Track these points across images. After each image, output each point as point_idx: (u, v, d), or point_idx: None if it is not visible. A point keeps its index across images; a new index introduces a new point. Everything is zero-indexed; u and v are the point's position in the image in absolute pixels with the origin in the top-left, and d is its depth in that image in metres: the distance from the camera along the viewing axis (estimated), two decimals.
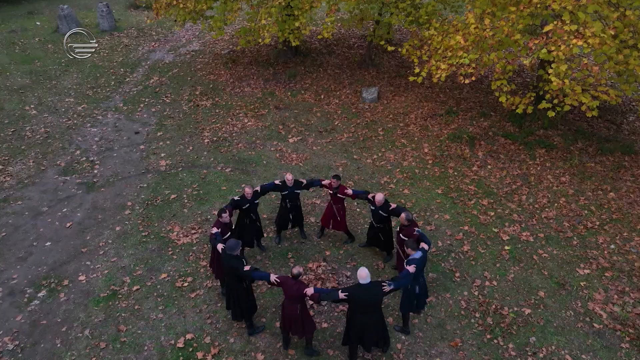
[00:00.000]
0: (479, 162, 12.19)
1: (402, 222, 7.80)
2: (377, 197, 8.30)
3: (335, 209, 9.06)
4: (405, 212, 7.83)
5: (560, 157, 12.34)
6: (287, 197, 8.91)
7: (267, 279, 6.75)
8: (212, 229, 7.59)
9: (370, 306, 6.52)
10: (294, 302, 6.69)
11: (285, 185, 8.75)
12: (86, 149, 12.98)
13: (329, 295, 6.55)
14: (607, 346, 7.44)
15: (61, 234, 9.82)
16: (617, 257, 9.18)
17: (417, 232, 7.60)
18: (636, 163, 12.20)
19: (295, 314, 6.68)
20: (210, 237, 7.55)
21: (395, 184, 11.40)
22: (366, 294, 6.41)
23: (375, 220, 8.64)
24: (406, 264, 6.96)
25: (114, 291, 8.42)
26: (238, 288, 7.15)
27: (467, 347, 7.40)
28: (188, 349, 7.37)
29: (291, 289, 6.60)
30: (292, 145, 13.07)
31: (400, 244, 7.96)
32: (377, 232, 8.76)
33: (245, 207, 8.43)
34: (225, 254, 6.99)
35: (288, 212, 9.07)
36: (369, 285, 6.42)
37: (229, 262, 6.92)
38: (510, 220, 10.17)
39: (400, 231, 7.95)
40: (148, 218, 10.26)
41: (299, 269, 6.61)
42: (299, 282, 6.63)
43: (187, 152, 12.76)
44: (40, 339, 7.58)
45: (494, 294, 8.35)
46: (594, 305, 8.14)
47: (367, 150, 12.81)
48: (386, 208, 8.33)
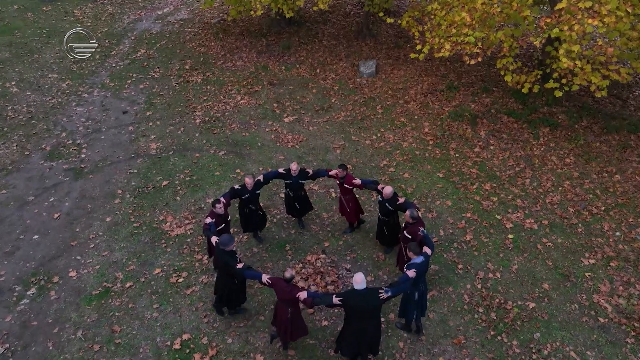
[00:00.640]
0: (481, 143, 11.78)
1: (407, 220, 7.44)
2: (385, 190, 7.93)
3: (343, 200, 8.70)
4: (411, 208, 7.47)
5: (564, 137, 11.95)
6: (289, 187, 8.61)
7: (259, 279, 6.50)
8: (207, 219, 7.38)
9: (367, 312, 6.18)
10: (285, 304, 6.46)
11: (289, 174, 8.42)
12: (72, 130, 12.41)
13: (322, 300, 6.28)
14: (612, 341, 7.32)
15: (49, 225, 9.44)
16: (623, 245, 8.98)
17: (422, 232, 7.22)
18: None
19: (285, 318, 6.45)
20: (204, 228, 7.32)
21: (395, 167, 11.02)
22: (362, 300, 6.07)
23: (381, 212, 8.30)
24: (406, 269, 6.66)
25: (106, 288, 8.14)
26: (229, 282, 7.02)
27: (471, 344, 7.25)
28: (185, 350, 7.16)
29: (283, 292, 6.34)
30: (288, 125, 12.56)
31: (404, 242, 7.63)
32: (382, 225, 8.44)
33: (245, 197, 8.08)
34: (219, 249, 6.78)
35: (292, 200, 8.80)
36: (365, 292, 6.10)
37: (222, 257, 6.73)
38: (514, 206, 9.88)
39: (404, 228, 7.60)
40: (139, 207, 9.87)
41: (291, 272, 6.34)
42: (291, 285, 6.37)
43: (178, 133, 12.24)
44: (31, 341, 7.33)
45: (497, 287, 8.16)
46: (599, 298, 7.98)
47: (366, 130, 12.35)
48: (394, 201, 7.97)
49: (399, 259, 8.00)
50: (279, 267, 8.49)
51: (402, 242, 7.72)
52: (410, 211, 7.37)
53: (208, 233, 7.23)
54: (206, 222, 7.35)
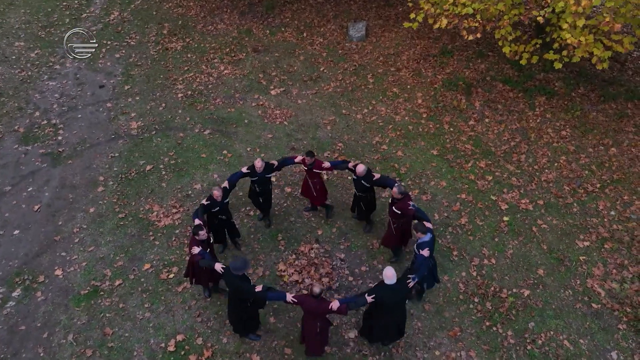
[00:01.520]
0: (475, 115, 11.40)
1: (395, 196, 7.37)
2: (358, 168, 7.78)
3: (311, 183, 8.43)
4: (397, 185, 7.41)
5: (561, 106, 11.60)
6: (256, 183, 8.14)
7: (284, 299, 6.26)
8: (193, 248, 6.72)
9: (397, 305, 6.38)
10: (314, 318, 6.31)
11: (254, 171, 7.93)
12: (46, 109, 11.70)
13: (357, 304, 6.26)
14: (604, 328, 7.40)
15: (30, 219, 9.05)
16: (617, 225, 8.92)
17: (413, 206, 7.26)
18: (639, 110, 11.57)
19: (315, 332, 6.35)
20: (196, 259, 6.68)
21: (388, 144, 10.66)
22: (394, 294, 6.22)
23: (357, 189, 8.21)
24: (417, 248, 6.76)
25: (95, 287, 7.92)
26: (241, 306, 6.64)
27: (466, 336, 7.28)
28: (180, 352, 7.09)
29: (313, 308, 6.18)
30: (275, 98, 11.97)
31: (394, 217, 7.59)
32: (358, 200, 8.35)
33: (216, 209, 7.54)
34: (230, 275, 6.30)
35: (257, 195, 8.35)
36: (396, 286, 6.19)
37: (234, 284, 6.30)
38: (509, 185, 9.70)
39: (392, 204, 7.53)
40: (124, 196, 9.48)
41: (320, 287, 6.14)
42: (320, 299, 6.16)
43: (159, 110, 11.61)
44: (20, 347, 7.18)
45: (492, 274, 8.12)
46: (593, 282, 8.00)
47: (357, 103, 11.84)
48: (369, 178, 7.86)
49: (388, 236, 7.91)
50: (271, 260, 8.32)
51: (391, 217, 7.67)
52: (398, 187, 7.34)
53: (206, 262, 6.61)
54: (194, 252, 6.71)
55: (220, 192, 7.39)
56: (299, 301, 6.22)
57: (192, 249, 6.68)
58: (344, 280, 8.01)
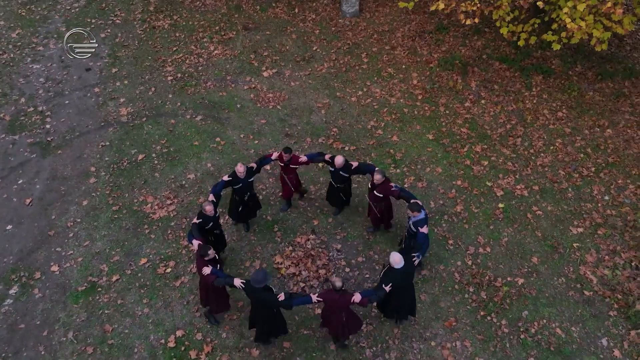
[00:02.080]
0: (472, 96, 11.24)
1: (377, 181, 7.55)
2: (337, 160, 7.82)
3: (287, 179, 8.35)
4: (377, 170, 7.59)
5: (558, 86, 11.46)
6: (238, 191, 7.81)
7: (309, 302, 6.32)
8: (203, 270, 6.42)
9: (407, 284, 6.78)
10: (339, 311, 6.43)
11: (237, 177, 7.60)
12: (32, 94, 11.37)
13: (378, 296, 6.41)
14: (595, 315, 7.57)
15: (22, 213, 8.95)
16: (611, 210, 8.99)
17: (395, 187, 7.50)
18: (636, 89, 11.47)
19: (341, 321, 6.50)
20: (210, 280, 6.42)
21: (383, 129, 10.53)
22: (403, 276, 6.53)
23: (335, 181, 8.20)
24: (414, 226, 7.06)
25: (92, 283, 7.93)
26: (269, 314, 6.63)
27: (461, 326, 7.42)
28: (180, 348, 7.18)
29: (336, 303, 6.29)
30: (268, 80, 11.70)
31: (376, 201, 7.84)
32: (338, 192, 8.38)
33: (210, 226, 7.31)
34: (253, 288, 6.19)
35: (239, 204, 8.03)
36: (404, 268, 6.43)
37: (259, 296, 6.24)
38: (505, 170, 9.68)
39: (373, 188, 7.71)
40: (117, 187, 9.36)
41: (340, 280, 6.18)
42: (342, 293, 6.24)
43: (149, 95, 11.33)
44: (21, 346, 7.23)
45: (487, 263, 8.21)
46: (585, 269, 8.13)
47: (351, 84, 11.61)
48: (348, 168, 7.92)
49: (374, 218, 8.19)
50: (268, 252, 8.34)
51: (373, 201, 7.89)
52: (378, 172, 7.48)
53: (222, 281, 6.42)
54: (205, 273, 6.42)
55: (212, 206, 7.08)
56: (324, 299, 6.31)
57: (202, 271, 6.41)
58: (341, 272, 8.07)
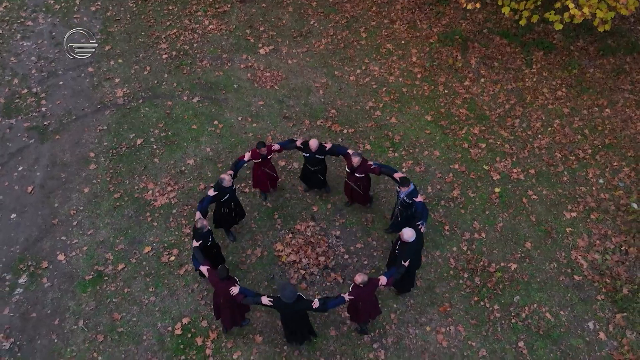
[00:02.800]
0: (471, 75, 11.12)
1: (355, 164, 7.73)
2: (311, 144, 7.94)
3: (267, 170, 8.38)
4: (353, 152, 7.75)
5: (558, 63, 11.32)
6: (226, 201, 7.74)
7: (343, 302, 6.57)
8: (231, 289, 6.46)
9: (418, 252, 7.21)
10: (370, 301, 6.81)
11: (223, 187, 7.48)
12: (25, 75, 11.18)
13: (399, 272, 6.79)
14: (584, 299, 7.90)
15: (25, 201, 9.05)
16: (605, 193, 9.16)
17: (374, 164, 7.78)
18: (637, 65, 11.35)
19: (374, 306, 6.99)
20: (239, 299, 6.52)
21: (381, 109, 10.48)
22: (417, 245, 6.91)
23: (310, 165, 8.32)
24: (410, 197, 7.38)
25: (98, 272, 8.17)
26: (298, 320, 6.85)
27: (456, 311, 7.76)
28: (187, 334, 7.51)
29: (368, 294, 6.62)
30: (264, 58, 11.50)
31: (356, 182, 8.05)
32: (315, 174, 8.50)
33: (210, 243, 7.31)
34: (286, 304, 6.32)
35: (229, 213, 8.02)
36: (417, 239, 6.77)
37: (293, 309, 6.39)
38: (502, 153, 9.75)
39: (354, 171, 7.88)
40: (117, 173, 9.43)
41: (362, 276, 6.40)
42: (368, 284, 6.49)
43: (144, 74, 11.15)
44: (34, 334, 7.55)
45: (482, 248, 8.46)
46: (577, 254, 8.39)
47: (349, 62, 11.43)
48: (322, 150, 8.07)
49: (357, 197, 8.41)
50: (269, 239, 8.54)
51: (355, 182, 8.08)
52: (355, 154, 7.67)
53: (252, 300, 6.52)
54: (233, 292, 6.47)
55: (204, 221, 7.06)
56: (356, 296, 6.54)
57: (231, 291, 6.45)
58: (340, 259, 8.32)
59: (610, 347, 7.44)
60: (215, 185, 7.55)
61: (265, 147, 7.93)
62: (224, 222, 8.18)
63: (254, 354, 7.33)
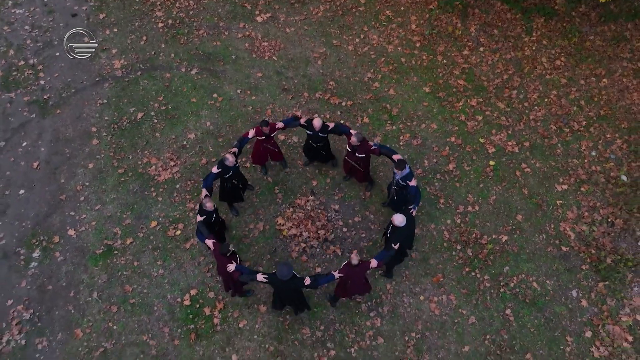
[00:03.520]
0: (471, 43, 11.06)
1: (354, 144, 7.93)
2: (315, 123, 8.14)
3: (270, 146, 8.57)
4: (355, 133, 7.91)
5: (559, 30, 11.23)
6: (231, 178, 8.05)
7: (333, 279, 7.01)
8: (228, 266, 6.93)
9: (410, 234, 7.62)
10: (357, 281, 7.19)
11: (226, 166, 7.73)
12: (20, 45, 11.07)
13: (389, 255, 7.19)
14: (569, 269, 8.37)
15: (31, 177, 9.29)
16: (596, 166, 9.42)
17: (374, 145, 7.97)
18: (638, 32, 11.27)
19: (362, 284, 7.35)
20: (235, 277, 6.98)
21: (380, 81, 10.51)
22: (407, 229, 7.29)
23: (314, 142, 8.54)
24: (405, 180, 7.61)
25: (108, 246, 8.54)
26: (293, 296, 7.32)
27: (448, 281, 8.23)
28: (195, 305, 8.00)
29: (357, 274, 7.02)
30: (262, 27, 11.35)
31: (357, 160, 8.28)
32: (317, 150, 8.74)
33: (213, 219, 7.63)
34: (282, 281, 6.74)
35: (233, 189, 8.33)
36: (407, 224, 7.13)
37: (289, 286, 6.86)
38: (498, 125, 9.91)
39: (353, 152, 8.11)
40: (120, 148, 9.61)
41: (357, 258, 6.79)
42: (360, 266, 6.89)
43: (141, 45, 11.06)
44: (52, 305, 8.03)
45: (475, 221, 8.82)
46: (565, 226, 8.77)
47: (348, 31, 11.31)
48: (325, 129, 8.27)
49: (362, 174, 8.62)
50: (270, 213, 8.87)
51: (355, 161, 8.35)
52: (356, 135, 7.85)
53: (247, 277, 6.95)
54: (230, 269, 6.95)
55: (211, 201, 7.35)
56: (345, 274, 6.99)
57: (227, 268, 6.93)
58: (339, 232, 8.69)
59: (590, 313, 7.97)
60: (219, 163, 7.80)
61: (268, 125, 8.07)
62: (227, 197, 8.48)
63: (258, 322, 7.85)
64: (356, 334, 7.75)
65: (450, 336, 7.76)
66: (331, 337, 7.73)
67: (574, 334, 7.79)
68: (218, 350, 7.62)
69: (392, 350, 7.63)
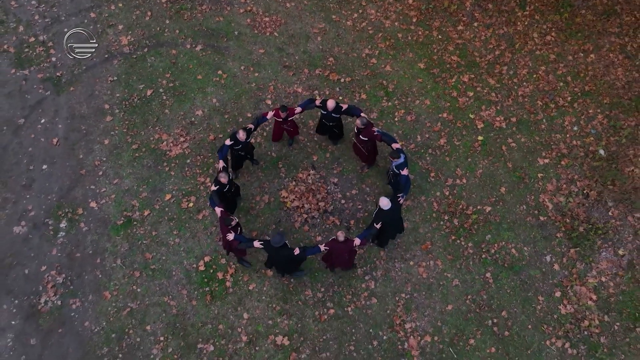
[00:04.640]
0: (465, 18, 11.43)
1: (359, 126, 8.61)
2: (329, 104, 8.76)
3: (284, 127, 9.31)
4: (360, 117, 8.59)
5: (552, 4, 11.56)
6: (240, 150, 8.87)
7: (319, 251, 7.92)
8: (228, 235, 7.78)
9: (395, 219, 8.34)
10: (342, 255, 8.06)
11: (238, 141, 8.56)
12: (29, 21, 11.42)
13: (371, 234, 8.09)
14: (545, 237, 9.28)
15: (52, 153, 9.99)
16: (577, 140, 10.13)
17: (377, 131, 8.63)
18: (628, 5, 11.62)
19: (345, 259, 8.21)
20: (234, 245, 7.93)
21: (377, 57, 10.99)
22: (393, 214, 8.05)
23: (327, 121, 9.23)
24: (398, 169, 8.34)
25: (128, 218, 9.39)
26: (283, 261, 8.20)
27: (435, 248, 9.16)
28: (209, 270, 8.97)
29: (342, 250, 7.90)
30: (263, 1, 11.66)
31: (362, 143, 8.98)
32: (330, 128, 9.46)
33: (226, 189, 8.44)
34: (274, 248, 7.66)
35: (242, 159, 9.23)
36: (393, 207, 7.91)
37: (279, 253, 7.78)
38: (488, 101, 10.51)
39: (358, 133, 8.80)
40: (132, 125, 10.25)
41: (343, 235, 7.68)
42: (345, 242, 7.76)
43: (146, 20, 11.42)
44: (81, 271, 8.99)
45: (462, 193, 9.64)
46: (544, 197, 9.61)
47: (346, 5, 11.64)
48: (339, 110, 8.92)
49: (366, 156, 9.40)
50: (274, 187, 9.66)
51: (359, 143, 9.07)
52: (361, 119, 8.56)
53: (245, 245, 7.90)
54: (229, 238, 7.80)
55: (226, 173, 8.15)
56: (330, 248, 7.88)
57: (227, 237, 7.83)
58: (337, 204, 9.52)
59: (561, 275, 8.97)
60: (231, 136, 8.64)
61: (287, 111, 8.79)
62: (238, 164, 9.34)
63: (266, 285, 8.85)
64: (353, 295, 8.76)
65: (435, 297, 8.78)
66: (330, 298, 8.75)
67: (545, 294, 8.81)
68: (231, 309, 8.66)
69: (385, 309, 8.67)
